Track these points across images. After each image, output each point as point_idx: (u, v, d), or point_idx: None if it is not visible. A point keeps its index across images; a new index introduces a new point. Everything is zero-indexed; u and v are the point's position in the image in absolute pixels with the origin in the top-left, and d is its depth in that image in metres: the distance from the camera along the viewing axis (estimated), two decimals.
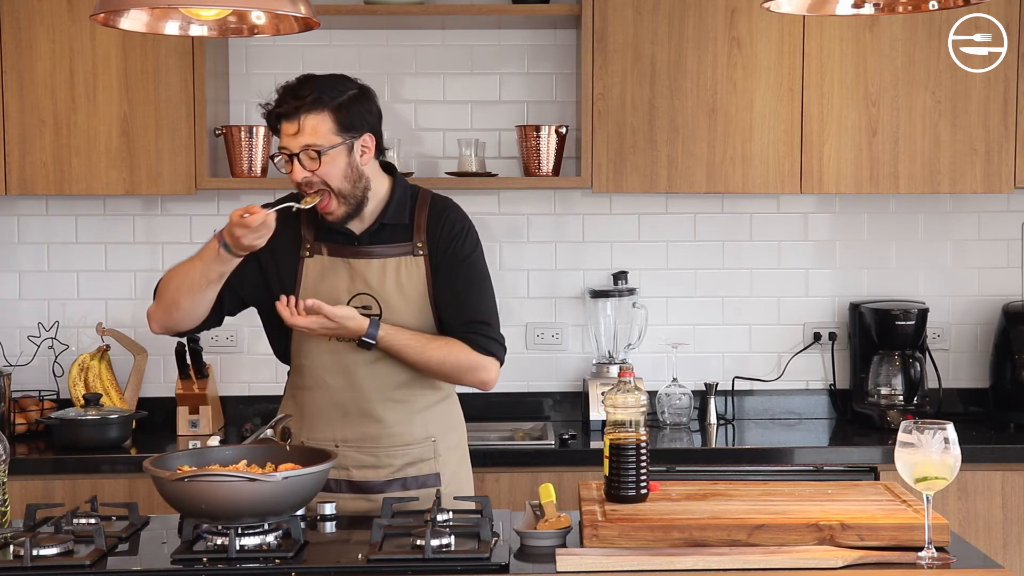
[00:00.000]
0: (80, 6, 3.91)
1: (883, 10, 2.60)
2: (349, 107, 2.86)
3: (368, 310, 2.90)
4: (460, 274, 2.94)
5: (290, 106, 2.84)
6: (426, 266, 2.94)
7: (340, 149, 2.85)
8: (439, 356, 2.90)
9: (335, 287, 2.92)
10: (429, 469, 2.98)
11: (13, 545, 2.48)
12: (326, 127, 2.84)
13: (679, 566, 2.38)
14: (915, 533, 2.44)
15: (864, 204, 4.37)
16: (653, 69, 3.98)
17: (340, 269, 2.94)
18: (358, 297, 2.92)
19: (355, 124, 2.87)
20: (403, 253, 2.94)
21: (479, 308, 2.96)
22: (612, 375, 4.17)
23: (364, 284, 2.92)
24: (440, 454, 3.00)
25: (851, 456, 3.85)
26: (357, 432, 2.93)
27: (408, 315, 2.92)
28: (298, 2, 2.40)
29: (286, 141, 2.86)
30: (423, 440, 2.98)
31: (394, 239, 2.95)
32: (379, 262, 2.93)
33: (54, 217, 4.30)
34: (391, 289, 2.92)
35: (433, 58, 4.30)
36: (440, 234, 2.95)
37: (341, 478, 2.94)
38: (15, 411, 4.03)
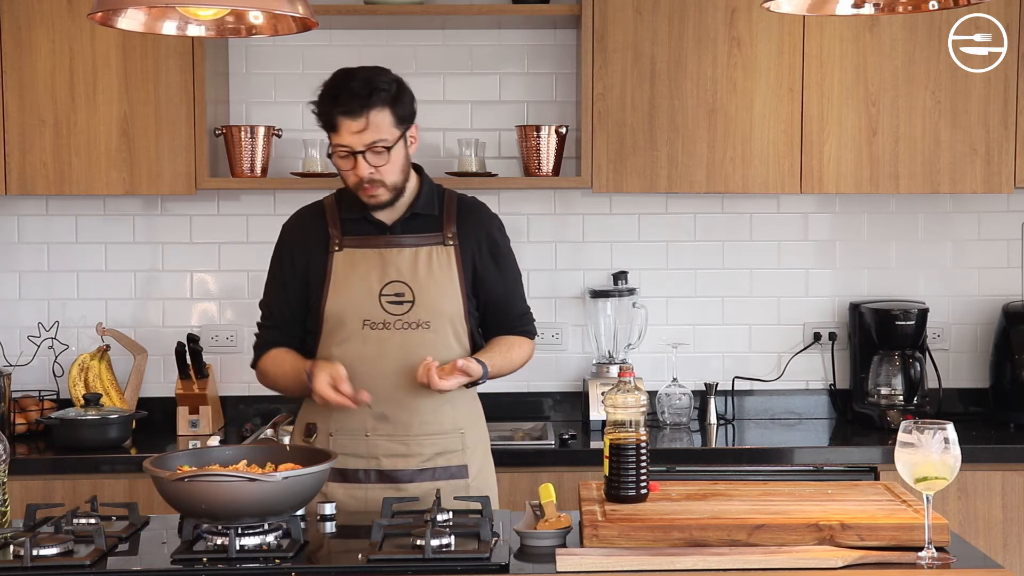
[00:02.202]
0: (80, 6, 3.91)
1: (883, 10, 2.60)
2: (401, 98, 2.91)
3: (401, 297, 2.94)
4: (505, 272, 3.09)
5: (355, 103, 2.84)
6: (456, 256, 3.00)
7: (400, 142, 2.91)
8: (518, 360, 3.11)
9: (367, 276, 2.96)
10: (458, 460, 3.01)
11: (13, 545, 2.48)
12: (388, 121, 2.88)
13: (679, 566, 2.38)
14: (915, 533, 2.43)
15: (864, 204, 4.37)
16: (653, 69, 3.98)
17: (371, 259, 2.97)
18: (391, 285, 2.95)
19: (407, 115, 2.93)
20: (434, 243, 2.99)
21: (523, 299, 3.16)
22: (612, 375, 4.17)
23: (396, 272, 2.95)
24: (467, 446, 3.04)
25: (851, 456, 3.85)
26: (388, 420, 2.95)
27: (439, 301, 2.97)
28: (296, 2, 2.39)
29: (349, 139, 2.86)
30: (451, 431, 3.01)
31: (424, 229, 3.00)
32: (411, 251, 2.97)
33: (54, 217, 4.30)
34: (423, 277, 2.96)
35: (433, 58, 4.30)
36: (476, 230, 3.04)
37: (371, 468, 2.97)
38: (15, 411, 4.03)
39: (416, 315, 2.95)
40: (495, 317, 3.08)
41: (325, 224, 3.02)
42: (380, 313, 2.95)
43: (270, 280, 3.12)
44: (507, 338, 3.09)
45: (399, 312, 2.95)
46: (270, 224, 4.29)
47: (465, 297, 3.00)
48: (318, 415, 3.00)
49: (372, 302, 2.95)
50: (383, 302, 2.95)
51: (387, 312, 2.95)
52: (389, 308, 2.95)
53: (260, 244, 4.30)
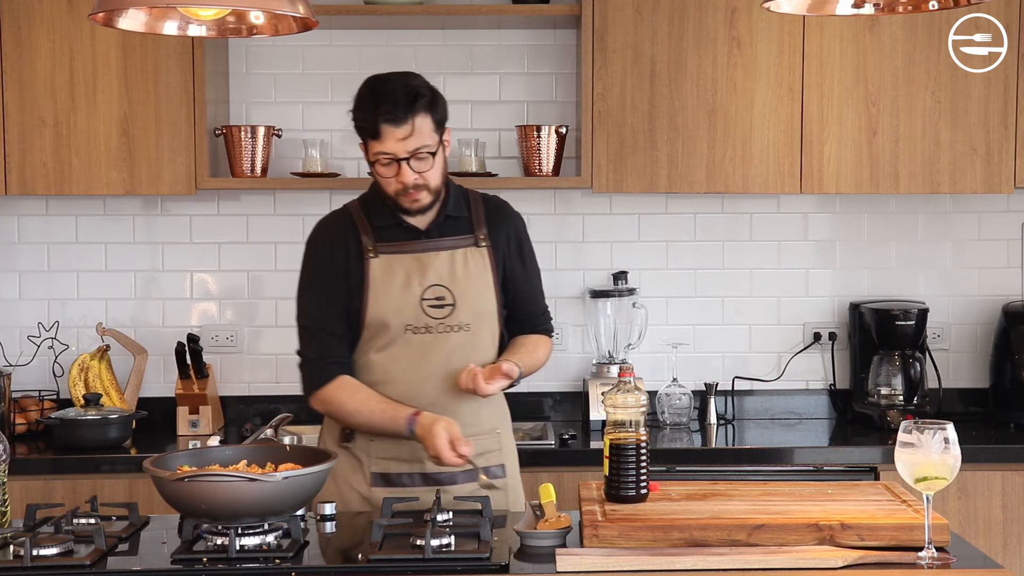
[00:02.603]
0: (80, 6, 3.91)
1: (883, 10, 2.61)
2: (438, 103, 2.91)
3: (442, 301, 2.93)
4: (530, 270, 3.10)
5: (400, 110, 2.82)
6: (490, 257, 3.00)
7: (440, 147, 2.90)
8: (542, 359, 3.11)
9: (408, 281, 2.93)
10: (496, 460, 3.02)
11: (13, 545, 2.48)
12: (429, 127, 2.86)
13: (679, 566, 2.38)
14: (915, 533, 2.43)
15: (864, 204, 4.37)
16: (653, 69, 3.98)
17: (408, 264, 2.95)
18: (432, 288, 2.94)
19: (443, 119, 2.92)
20: (467, 244, 3.00)
21: (544, 297, 3.17)
22: (612, 375, 4.17)
23: (436, 276, 2.95)
24: (503, 446, 3.06)
25: (851, 456, 3.85)
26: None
27: (477, 304, 2.97)
28: (297, 2, 2.39)
29: (392, 146, 2.83)
30: (489, 432, 3.03)
31: (457, 231, 3.00)
32: (447, 253, 2.97)
33: (54, 217, 4.30)
34: (461, 279, 2.96)
35: (433, 58, 4.29)
36: (506, 230, 3.05)
37: (415, 471, 2.96)
38: (15, 411, 4.03)
39: (457, 318, 2.94)
40: (519, 315, 3.09)
41: (356, 231, 2.96)
42: (422, 317, 2.93)
43: (312, 296, 2.99)
44: (529, 337, 3.09)
45: (441, 316, 2.93)
46: (270, 224, 4.31)
47: (498, 297, 3.01)
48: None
49: (414, 307, 2.93)
50: (424, 306, 2.93)
51: (429, 316, 2.93)
52: (431, 312, 2.93)
53: (260, 244, 4.31)
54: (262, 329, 4.33)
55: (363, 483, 2.97)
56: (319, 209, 4.28)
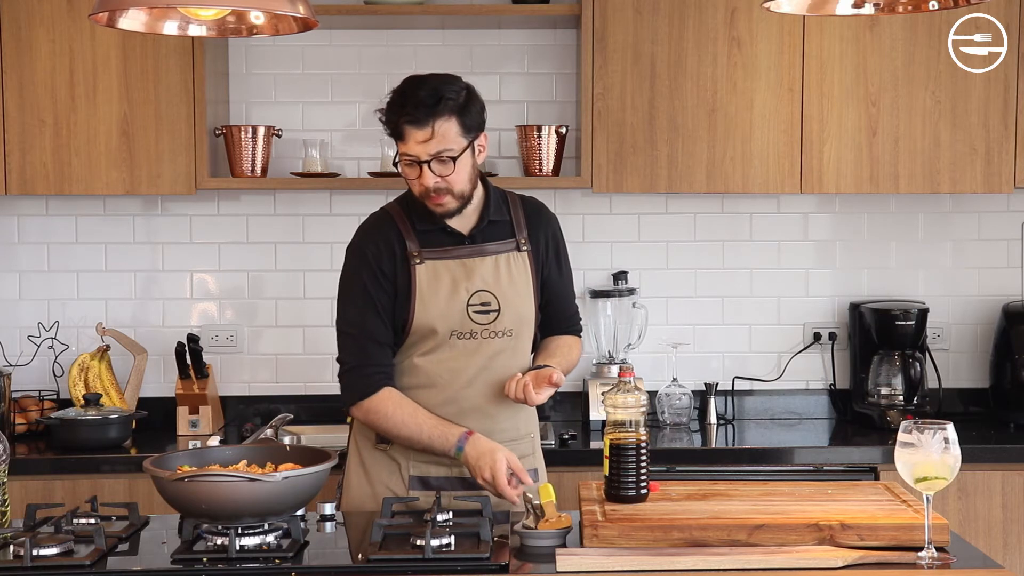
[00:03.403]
0: (80, 6, 3.91)
1: (883, 10, 2.61)
2: (469, 108, 2.87)
3: (487, 306, 2.92)
4: (564, 272, 3.10)
5: (421, 112, 2.80)
6: (531, 261, 3.00)
7: (467, 152, 2.86)
8: (575, 362, 3.10)
9: (454, 287, 2.92)
10: (529, 464, 3.01)
11: (13, 545, 2.48)
12: (454, 131, 2.83)
13: (679, 566, 2.38)
14: (915, 533, 2.44)
15: (864, 204, 4.37)
16: (653, 69, 3.98)
17: (454, 269, 2.93)
18: (477, 294, 2.93)
19: (475, 124, 2.88)
20: (510, 249, 2.99)
21: (575, 299, 3.18)
22: (612, 375, 4.17)
23: (482, 281, 2.93)
24: (536, 450, 3.07)
25: (851, 456, 3.85)
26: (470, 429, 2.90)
27: (520, 309, 2.96)
28: (297, 2, 2.40)
29: (415, 148, 2.82)
30: (525, 436, 3.03)
31: (500, 235, 2.99)
32: (492, 259, 2.96)
33: (54, 217, 4.30)
34: (505, 284, 2.95)
35: (433, 58, 4.29)
36: (544, 233, 3.05)
37: (454, 475, 2.94)
38: (15, 411, 4.03)
39: (502, 323, 2.93)
40: (553, 317, 3.09)
41: (401, 237, 2.93)
42: (468, 323, 2.91)
43: (357, 304, 2.93)
44: (561, 339, 3.09)
45: (486, 321, 2.92)
46: (270, 224, 4.31)
47: (537, 301, 3.01)
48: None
49: (460, 313, 2.91)
50: (470, 312, 2.92)
51: (474, 322, 2.92)
52: (476, 318, 2.92)
53: (260, 244, 4.31)
54: (262, 329, 4.33)
55: (401, 485, 2.94)
56: (319, 209, 4.31)
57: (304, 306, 4.32)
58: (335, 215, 4.28)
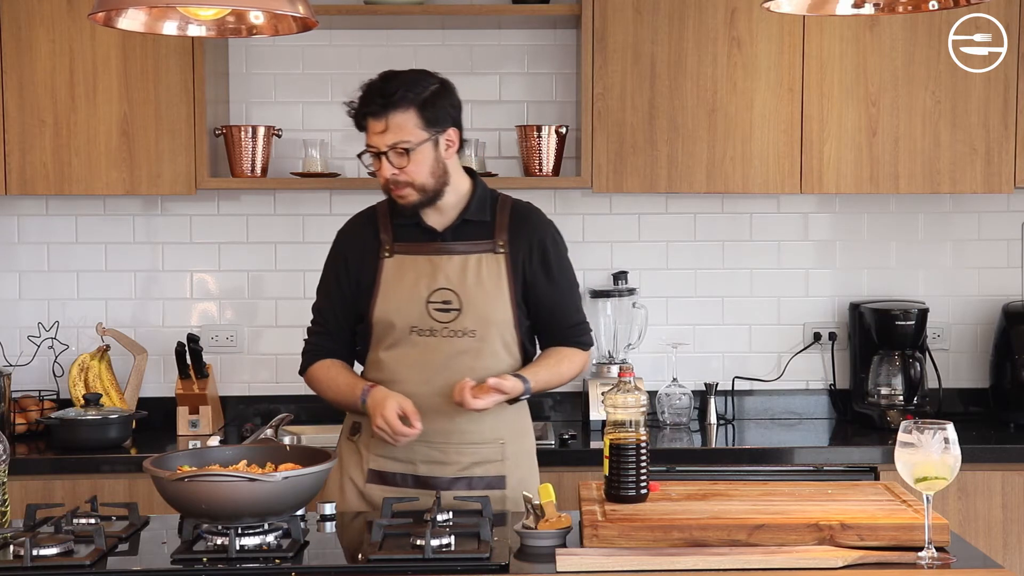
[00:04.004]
0: (80, 6, 3.91)
1: (883, 10, 2.61)
2: (434, 102, 2.92)
3: (448, 305, 2.93)
4: (557, 280, 3.04)
5: (377, 104, 2.87)
6: (507, 264, 2.98)
7: (427, 145, 2.90)
8: (567, 373, 3.08)
9: (416, 283, 2.95)
10: (496, 471, 3.00)
11: (13, 545, 2.47)
12: (412, 123, 2.88)
13: (679, 566, 2.38)
14: (915, 533, 2.43)
15: (864, 204, 4.37)
16: (653, 69, 3.98)
17: (420, 265, 2.96)
18: (438, 292, 2.94)
19: (440, 119, 2.93)
20: (484, 250, 2.99)
21: (578, 309, 3.12)
22: (612, 375, 4.17)
23: (445, 279, 2.95)
24: (508, 457, 3.02)
25: (851, 456, 3.85)
26: (428, 427, 2.92)
27: (487, 310, 2.96)
28: (297, 2, 2.40)
29: (373, 139, 2.90)
30: (492, 441, 3.00)
31: (475, 236, 2.99)
32: (460, 258, 2.97)
33: (54, 217, 4.30)
34: (471, 284, 2.95)
35: (433, 58, 4.29)
36: (528, 237, 3.02)
37: (408, 472, 2.97)
38: (15, 411, 4.03)
39: (462, 323, 2.94)
40: (547, 326, 3.07)
41: (376, 230, 3.01)
42: (427, 320, 2.93)
43: (322, 286, 3.11)
44: (559, 350, 3.07)
45: (446, 320, 2.94)
46: (270, 224, 4.31)
47: (515, 306, 2.98)
48: (363, 416, 3.00)
49: (420, 309, 2.93)
50: (430, 309, 2.94)
51: (434, 320, 2.93)
52: (436, 315, 2.94)
53: (260, 244, 4.31)
54: (262, 329, 4.33)
55: (361, 478, 3.00)
56: (319, 209, 4.31)
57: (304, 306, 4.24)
58: (335, 215, 4.27)
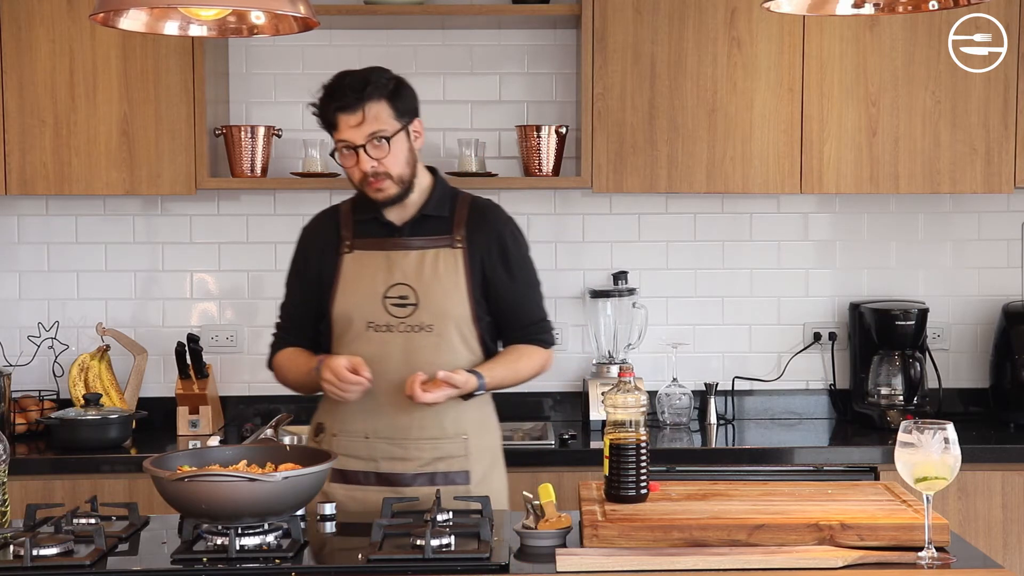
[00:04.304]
0: (80, 6, 3.91)
1: (883, 10, 2.61)
2: (400, 93, 2.96)
3: (405, 300, 2.94)
4: (519, 276, 3.06)
5: (351, 98, 2.89)
6: (464, 259, 2.99)
7: (401, 135, 2.93)
8: (526, 371, 3.07)
9: (373, 278, 2.97)
10: (459, 466, 3.00)
11: (13, 545, 2.48)
12: (386, 113, 2.91)
13: (679, 566, 2.38)
14: (915, 533, 2.44)
15: (864, 204, 4.37)
16: (653, 69, 3.98)
17: (378, 261, 2.98)
18: (395, 287, 2.96)
19: (407, 109, 2.96)
20: (442, 245, 3.00)
21: (539, 307, 3.14)
22: (612, 375, 4.17)
23: (402, 275, 2.96)
24: (471, 452, 3.02)
25: (851, 456, 3.85)
26: (388, 423, 2.95)
27: (444, 305, 2.96)
28: (297, 2, 2.40)
29: (348, 134, 2.90)
30: (454, 436, 3.00)
31: (434, 231, 3.01)
32: (417, 253, 2.98)
33: (54, 217, 4.30)
34: (428, 279, 2.96)
35: (433, 58, 4.30)
36: (487, 233, 3.03)
37: (370, 470, 2.98)
38: (15, 411, 4.03)
39: (419, 318, 2.95)
40: (507, 323, 3.07)
41: (338, 226, 3.04)
42: (384, 315, 2.95)
43: (288, 282, 3.18)
44: (519, 347, 3.07)
45: (402, 315, 2.95)
46: (270, 224, 4.31)
47: (473, 301, 2.99)
48: (326, 416, 3.02)
49: (376, 304, 2.96)
50: (387, 304, 2.96)
51: (391, 315, 2.95)
52: (393, 311, 2.95)
53: (260, 244, 4.31)
54: (262, 329, 4.32)
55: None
56: (319, 209, 4.29)
57: None
58: None
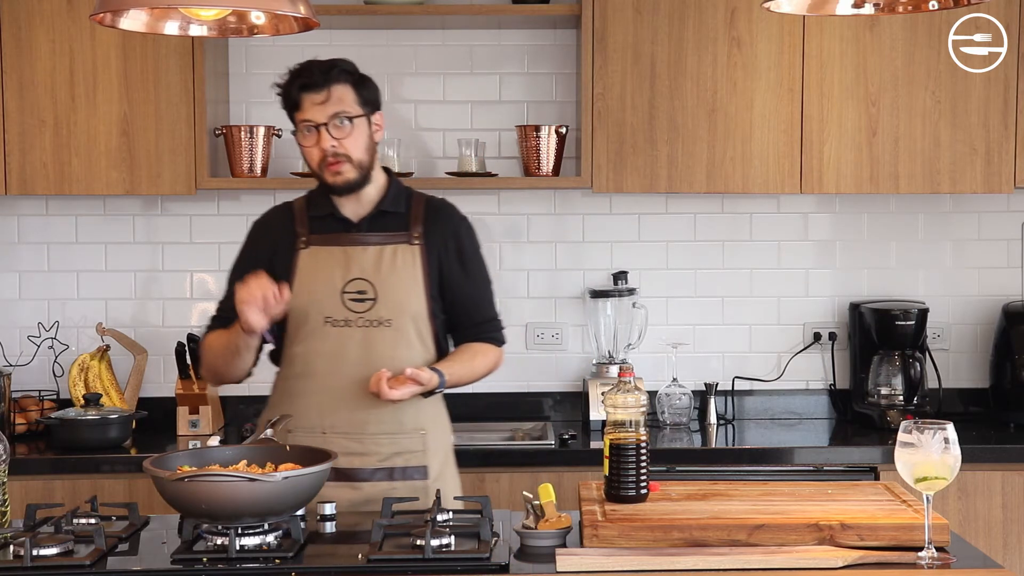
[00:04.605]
0: (80, 6, 3.91)
1: (883, 10, 2.61)
2: (365, 83, 2.99)
3: (363, 295, 2.95)
4: (472, 275, 3.07)
5: (317, 77, 2.92)
6: (422, 255, 3.00)
7: (363, 120, 2.96)
8: (481, 369, 3.08)
9: (330, 273, 2.97)
10: (417, 461, 3.00)
11: (13, 545, 2.47)
12: (351, 97, 2.94)
13: (679, 566, 2.38)
14: (915, 533, 2.44)
15: (864, 204, 4.37)
16: (653, 69, 3.98)
17: (335, 256, 2.98)
18: (353, 282, 2.96)
19: (371, 99, 2.99)
20: (399, 241, 3.01)
21: (492, 305, 3.14)
22: (612, 375, 4.17)
23: (360, 270, 2.97)
24: (429, 447, 3.02)
25: (851, 456, 3.85)
26: (345, 419, 2.95)
27: (402, 300, 2.97)
28: (297, 2, 2.40)
29: (312, 112, 2.91)
30: (412, 431, 3.00)
31: (390, 227, 3.01)
32: (375, 249, 2.99)
33: (54, 217, 4.30)
34: (386, 274, 2.97)
35: (433, 58, 4.30)
36: (444, 230, 3.04)
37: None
38: (15, 411, 4.03)
39: (377, 313, 2.95)
40: (461, 320, 3.08)
41: (293, 223, 3.03)
42: (342, 310, 2.95)
43: (231, 277, 3.07)
44: (473, 345, 3.08)
45: (361, 310, 2.96)
46: None
47: (429, 297, 3.00)
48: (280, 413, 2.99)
49: (334, 299, 2.96)
50: (345, 299, 2.96)
51: (349, 310, 2.96)
52: (351, 305, 2.96)
53: None
54: None
55: None
56: None
57: None
58: None
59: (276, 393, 3.08)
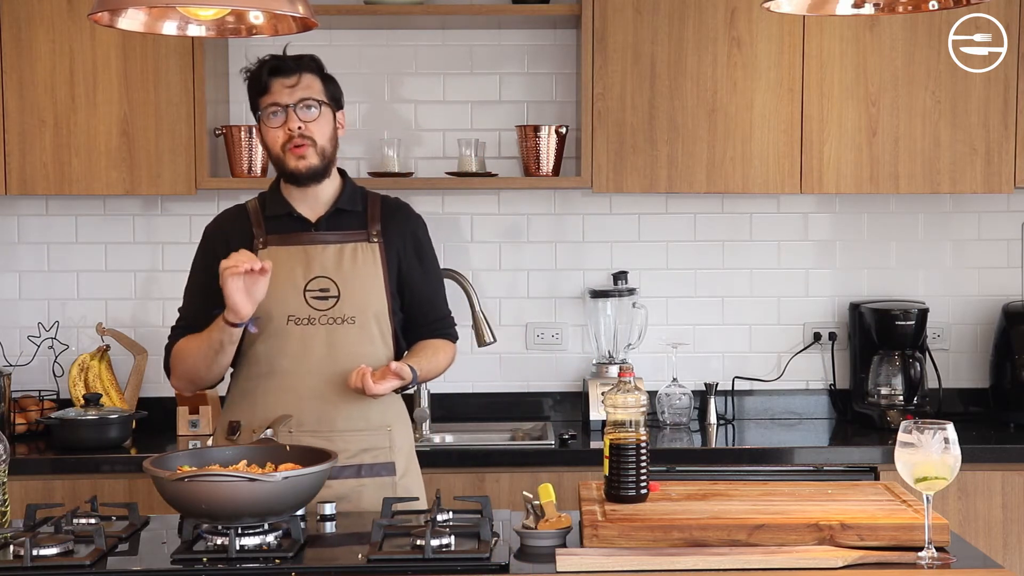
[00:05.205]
0: (80, 6, 3.91)
1: (883, 10, 2.61)
2: (331, 80, 3.03)
3: (326, 292, 2.95)
4: (429, 272, 3.11)
5: (288, 63, 2.96)
6: (381, 253, 3.01)
7: (329, 111, 2.99)
8: (443, 364, 3.11)
9: (292, 272, 2.97)
10: (384, 458, 3.01)
11: (13, 545, 2.47)
12: (319, 87, 2.98)
13: (679, 566, 2.38)
14: (915, 533, 2.44)
15: (864, 204, 4.37)
16: (653, 69, 3.98)
17: (295, 255, 2.98)
18: (316, 280, 2.97)
19: (336, 97, 3.04)
20: (358, 240, 3.02)
21: (445, 302, 3.18)
22: (612, 375, 4.17)
23: (321, 268, 2.97)
24: (395, 444, 3.03)
25: (851, 456, 3.85)
26: (311, 416, 2.95)
27: (363, 297, 2.98)
28: (296, 2, 2.40)
29: (281, 95, 2.94)
30: (378, 427, 3.01)
31: (348, 226, 3.02)
32: (335, 247, 3.00)
33: (54, 217, 4.30)
34: (348, 272, 2.98)
35: (433, 58, 4.30)
36: (402, 229, 3.07)
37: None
38: (15, 411, 4.03)
39: (341, 310, 2.96)
40: (418, 318, 3.09)
41: (248, 224, 3.03)
42: (305, 309, 2.95)
43: (189, 285, 3.08)
44: (431, 342, 3.10)
45: (324, 307, 2.96)
46: None
47: (390, 295, 3.01)
48: (242, 413, 2.99)
49: (297, 298, 2.95)
50: (308, 297, 2.96)
51: (312, 307, 2.95)
52: (314, 303, 2.96)
53: None
54: None
55: None
56: None
57: None
58: None
59: (236, 393, 3.05)
